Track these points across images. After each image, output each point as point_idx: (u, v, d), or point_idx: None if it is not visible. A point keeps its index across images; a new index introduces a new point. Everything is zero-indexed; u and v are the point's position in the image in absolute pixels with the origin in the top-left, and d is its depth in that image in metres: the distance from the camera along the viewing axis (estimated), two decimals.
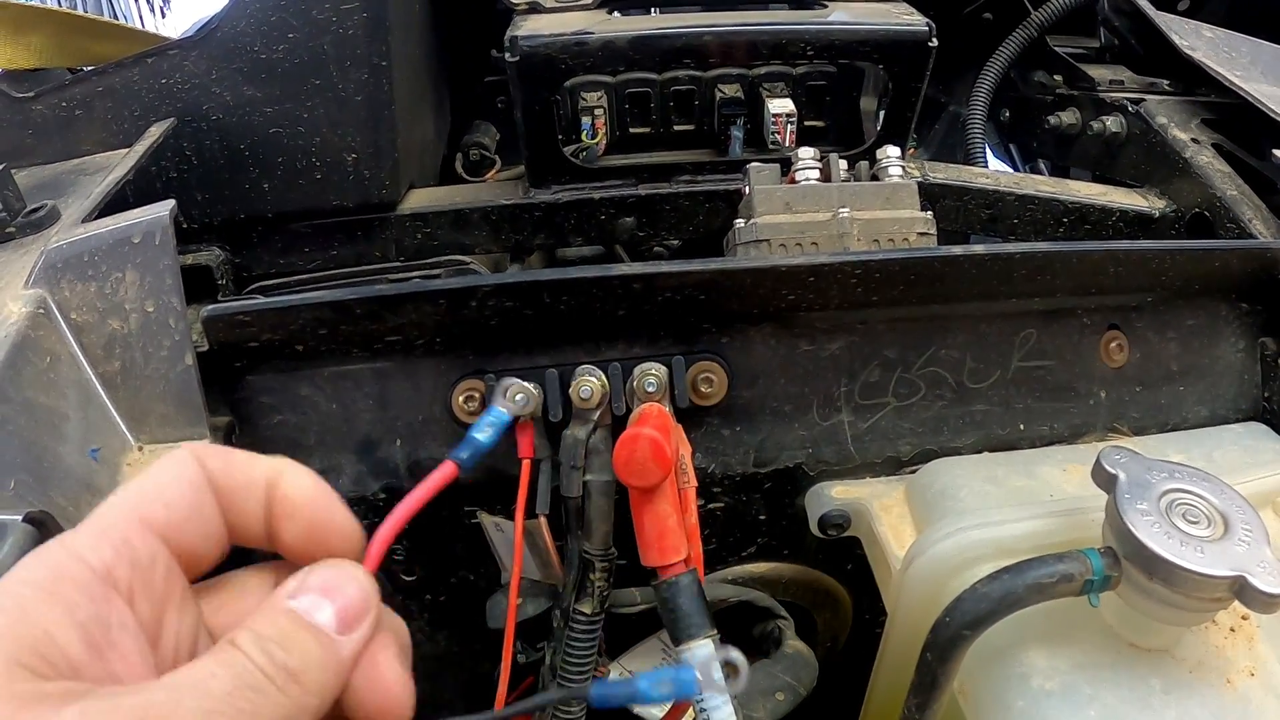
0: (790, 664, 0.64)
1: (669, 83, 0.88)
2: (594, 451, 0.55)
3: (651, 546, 0.53)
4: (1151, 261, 0.62)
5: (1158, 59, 0.86)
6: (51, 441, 0.58)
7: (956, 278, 0.58)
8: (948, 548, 0.54)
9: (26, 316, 0.61)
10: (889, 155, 0.66)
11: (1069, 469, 0.60)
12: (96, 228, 0.64)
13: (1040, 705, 0.48)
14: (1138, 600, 0.46)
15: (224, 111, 0.78)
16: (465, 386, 0.58)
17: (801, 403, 0.60)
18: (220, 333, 0.58)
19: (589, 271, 0.53)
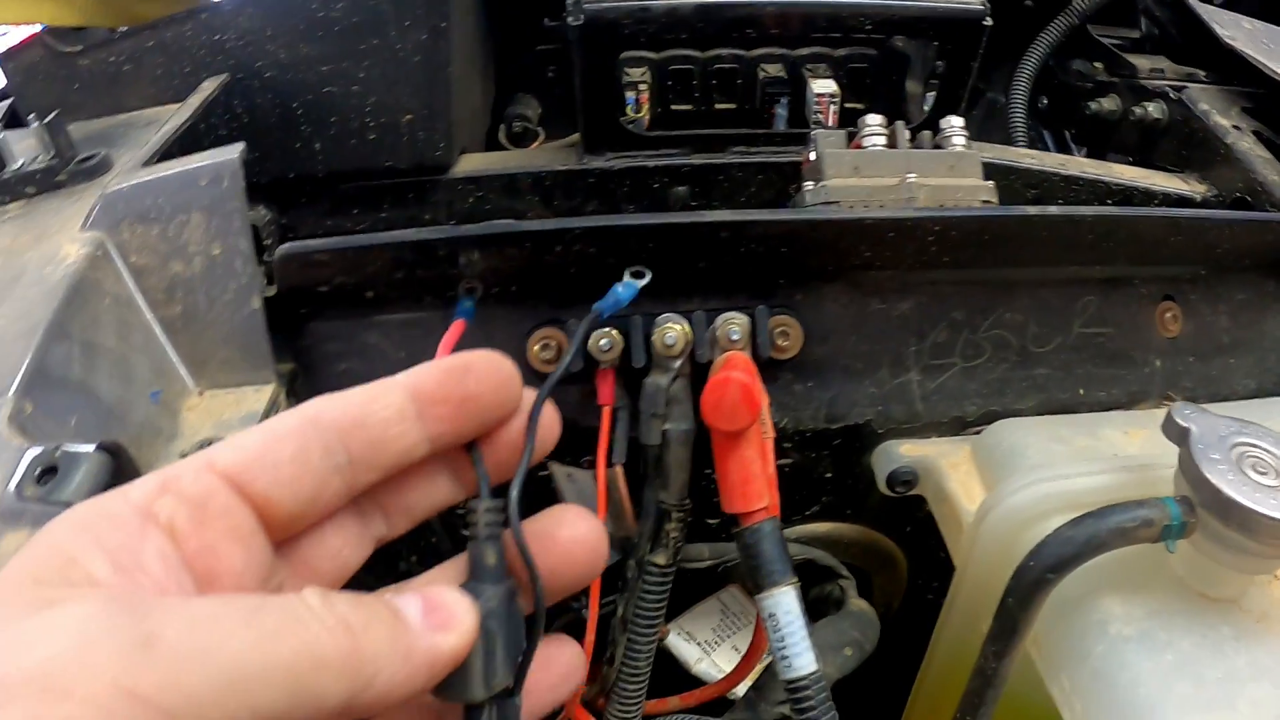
0: (856, 620, 0.64)
1: (712, 61, 0.89)
2: (674, 400, 0.56)
3: (735, 492, 0.53)
4: (1209, 232, 0.63)
5: (1197, 49, 0.88)
6: (111, 382, 0.58)
7: (1027, 239, 0.59)
8: (1023, 499, 0.55)
9: (85, 258, 0.61)
10: (953, 125, 0.67)
11: (1130, 432, 0.62)
12: (160, 170, 0.64)
13: (1119, 650, 0.49)
14: (1211, 548, 0.47)
15: (278, 69, 0.78)
16: (542, 335, 0.58)
17: (872, 361, 0.60)
18: (293, 274, 0.58)
19: (680, 217, 0.53)
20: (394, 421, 0.32)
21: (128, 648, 0.23)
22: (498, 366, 0.34)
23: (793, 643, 0.52)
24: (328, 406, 0.32)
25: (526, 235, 0.53)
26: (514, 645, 0.33)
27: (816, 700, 0.52)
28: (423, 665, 0.29)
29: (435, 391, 0.33)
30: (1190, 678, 0.47)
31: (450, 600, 0.31)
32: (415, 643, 0.29)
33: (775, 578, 0.52)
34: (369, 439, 0.32)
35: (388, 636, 0.28)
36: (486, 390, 0.33)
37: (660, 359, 0.55)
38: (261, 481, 0.30)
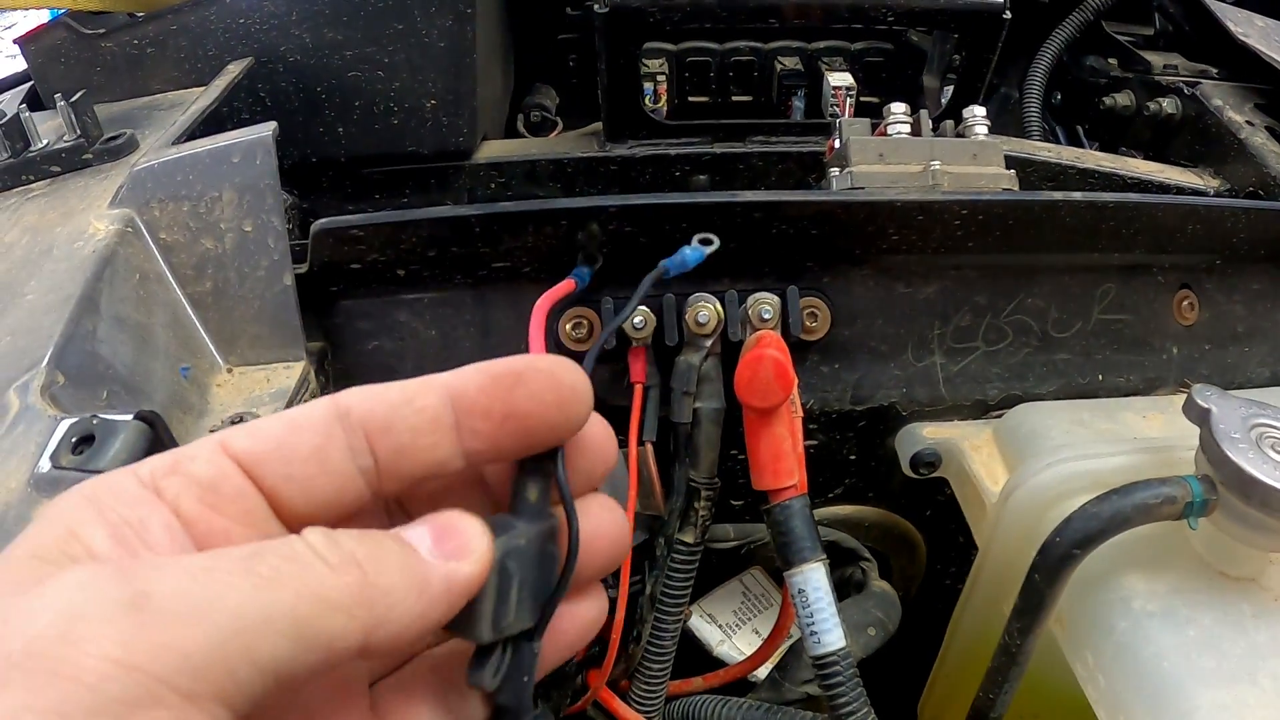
0: (879, 601, 0.65)
1: (729, 53, 0.90)
2: (705, 378, 0.56)
3: (766, 469, 0.54)
4: (1226, 221, 0.64)
5: (1211, 46, 0.89)
6: (141, 356, 0.58)
7: (1050, 224, 0.60)
8: (1047, 479, 0.55)
9: (114, 234, 0.61)
10: (975, 114, 0.67)
11: (1148, 416, 0.63)
12: (191, 148, 0.64)
13: (1143, 626, 0.50)
14: (1231, 526, 0.48)
15: (302, 53, 0.78)
16: (573, 314, 0.58)
17: (897, 343, 0.61)
18: (327, 250, 0.59)
19: (715, 197, 0.54)
20: (426, 430, 0.29)
21: (115, 614, 0.22)
22: (558, 381, 0.29)
23: (821, 619, 0.53)
24: (358, 401, 0.28)
25: (563, 212, 0.54)
26: (538, 589, 0.31)
27: (845, 675, 0.53)
28: (440, 596, 0.27)
29: (476, 401, 0.29)
30: (1212, 653, 0.48)
31: (462, 526, 0.28)
32: (429, 573, 0.27)
33: (805, 554, 0.53)
34: (396, 445, 0.28)
35: (399, 568, 0.26)
36: (538, 409, 0.29)
37: (692, 337, 0.56)
38: (274, 475, 0.28)
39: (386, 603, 0.25)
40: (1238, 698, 0.46)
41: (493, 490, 0.33)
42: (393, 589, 0.25)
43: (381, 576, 0.25)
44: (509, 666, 0.31)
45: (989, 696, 0.54)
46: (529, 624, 0.31)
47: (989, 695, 0.54)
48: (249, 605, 0.23)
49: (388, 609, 0.25)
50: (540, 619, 0.31)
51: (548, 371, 0.29)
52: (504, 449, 0.30)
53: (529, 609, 0.31)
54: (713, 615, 0.69)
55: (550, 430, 0.30)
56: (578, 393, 0.30)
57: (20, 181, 0.70)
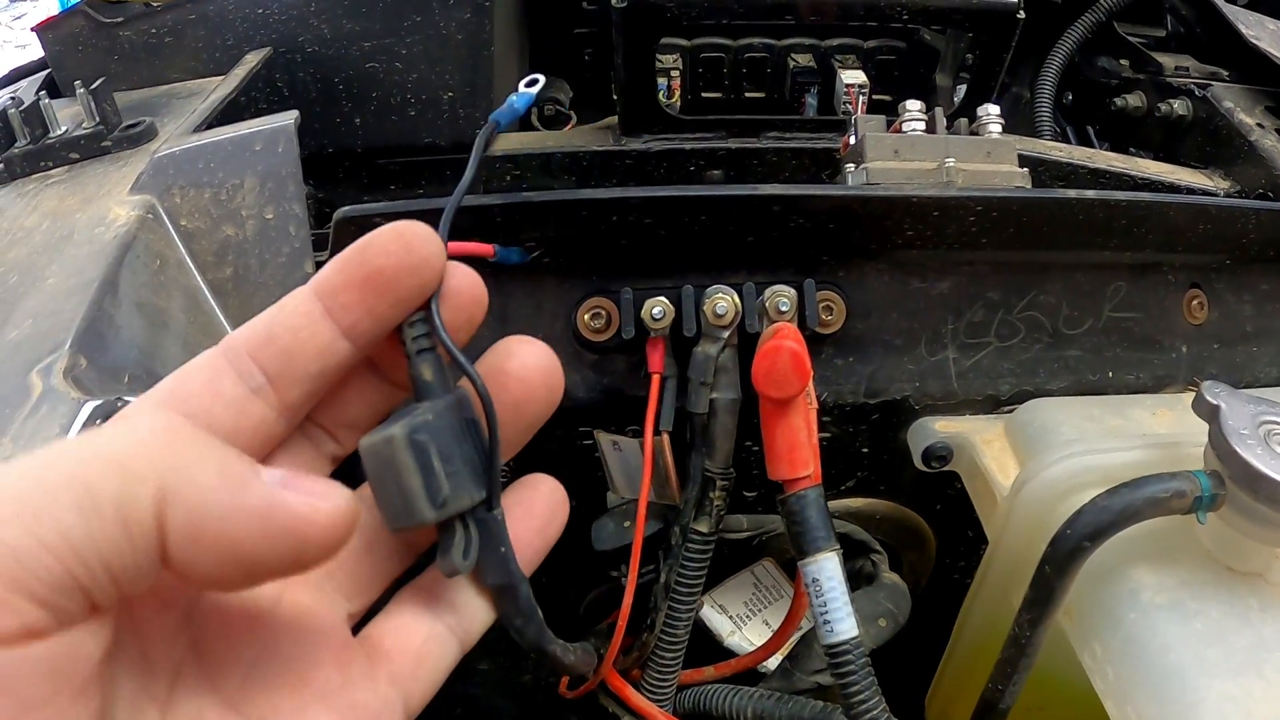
0: (890, 592, 0.65)
1: (743, 50, 0.90)
2: (722, 369, 0.57)
3: (782, 459, 0.54)
4: (1237, 221, 0.65)
5: (1222, 48, 0.90)
6: (162, 341, 0.58)
7: (1063, 222, 0.61)
8: (1059, 472, 0.56)
9: (135, 220, 0.62)
10: (989, 113, 0.68)
11: (1158, 413, 0.63)
12: (213, 135, 0.65)
13: (1151, 617, 0.50)
14: (1239, 521, 0.49)
15: (321, 44, 0.79)
16: (592, 304, 0.59)
17: (911, 337, 0.62)
18: (350, 237, 0.59)
19: (735, 190, 0.55)
20: (302, 325, 0.30)
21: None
22: (401, 232, 0.30)
23: (834, 608, 0.53)
24: (238, 331, 0.31)
25: (584, 203, 0.55)
26: (473, 459, 0.31)
27: (857, 665, 0.53)
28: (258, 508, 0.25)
29: (335, 279, 0.30)
30: (1219, 645, 0.48)
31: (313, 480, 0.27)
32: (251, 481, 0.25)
33: (819, 544, 0.54)
34: (280, 350, 0.30)
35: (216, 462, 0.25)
36: (391, 262, 0.30)
37: (710, 329, 0.56)
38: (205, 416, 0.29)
39: (188, 478, 0.24)
40: (1244, 689, 0.46)
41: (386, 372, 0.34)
42: (200, 472, 0.24)
43: (192, 461, 0.24)
44: (479, 544, 0.31)
45: (998, 688, 0.55)
46: (479, 495, 0.31)
47: (998, 686, 0.55)
48: (25, 484, 0.22)
49: (189, 485, 0.24)
50: (489, 485, 0.31)
51: (391, 229, 0.30)
52: (377, 313, 0.31)
53: (470, 480, 0.31)
54: (724, 606, 0.70)
55: (412, 280, 0.31)
56: (422, 238, 0.30)
57: (39, 168, 0.70)
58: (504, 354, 0.34)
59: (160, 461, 0.24)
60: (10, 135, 0.71)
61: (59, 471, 0.22)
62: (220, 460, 0.25)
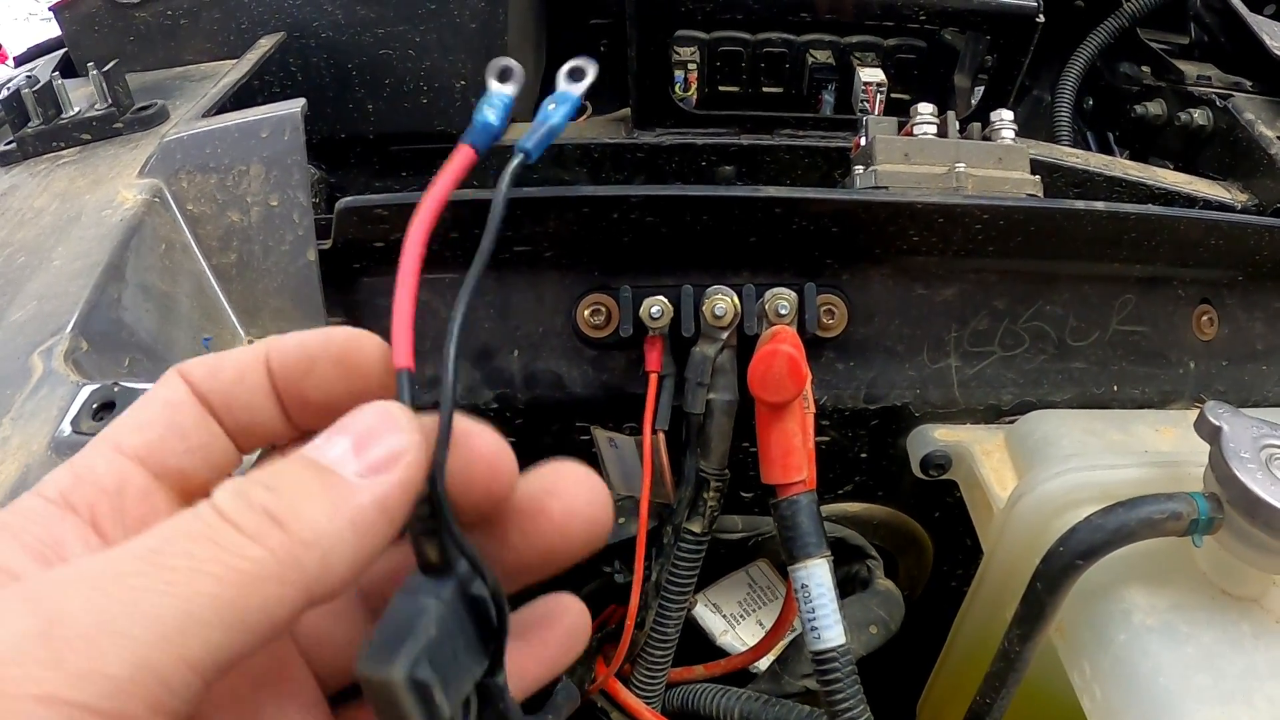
0: (883, 599, 0.65)
1: (761, 44, 0.89)
2: (720, 370, 0.57)
3: (775, 464, 0.54)
4: (1249, 237, 0.64)
5: (1245, 58, 0.89)
6: (164, 325, 0.59)
7: (1071, 233, 0.60)
8: (1055, 487, 0.55)
9: (142, 204, 0.62)
10: (1002, 118, 0.67)
11: (1161, 430, 0.62)
12: (220, 121, 0.65)
13: (1142, 639, 0.50)
14: (1236, 545, 0.48)
15: (334, 30, 0.79)
16: (592, 300, 0.59)
17: (913, 344, 0.61)
18: (351, 227, 0.59)
19: (737, 191, 0.55)
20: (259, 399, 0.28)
21: (26, 646, 0.20)
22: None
23: (823, 615, 0.53)
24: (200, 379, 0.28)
25: (585, 200, 0.54)
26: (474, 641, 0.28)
27: (843, 672, 0.53)
28: (375, 521, 0.24)
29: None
30: (1209, 671, 0.48)
31: (383, 425, 0.25)
32: (357, 500, 0.23)
33: (809, 550, 0.53)
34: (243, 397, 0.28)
35: (324, 509, 0.23)
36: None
37: (709, 329, 0.56)
38: (174, 456, 0.27)
39: (320, 554, 0.23)
40: (1232, 718, 0.46)
41: None
42: (322, 536, 0.23)
43: (307, 528, 0.23)
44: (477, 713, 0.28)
45: (986, 701, 0.55)
46: (481, 668, 0.28)
47: (986, 700, 0.55)
48: (163, 609, 0.21)
49: (322, 560, 0.23)
50: (492, 656, 0.28)
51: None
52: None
53: (474, 659, 0.28)
54: (718, 605, 0.70)
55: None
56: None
57: (51, 148, 0.71)
58: (548, 486, 0.29)
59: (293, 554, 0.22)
60: (24, 115, 0.72)
61: (198, 601, 0.21)
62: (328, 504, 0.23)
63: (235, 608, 0.21)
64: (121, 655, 0.20)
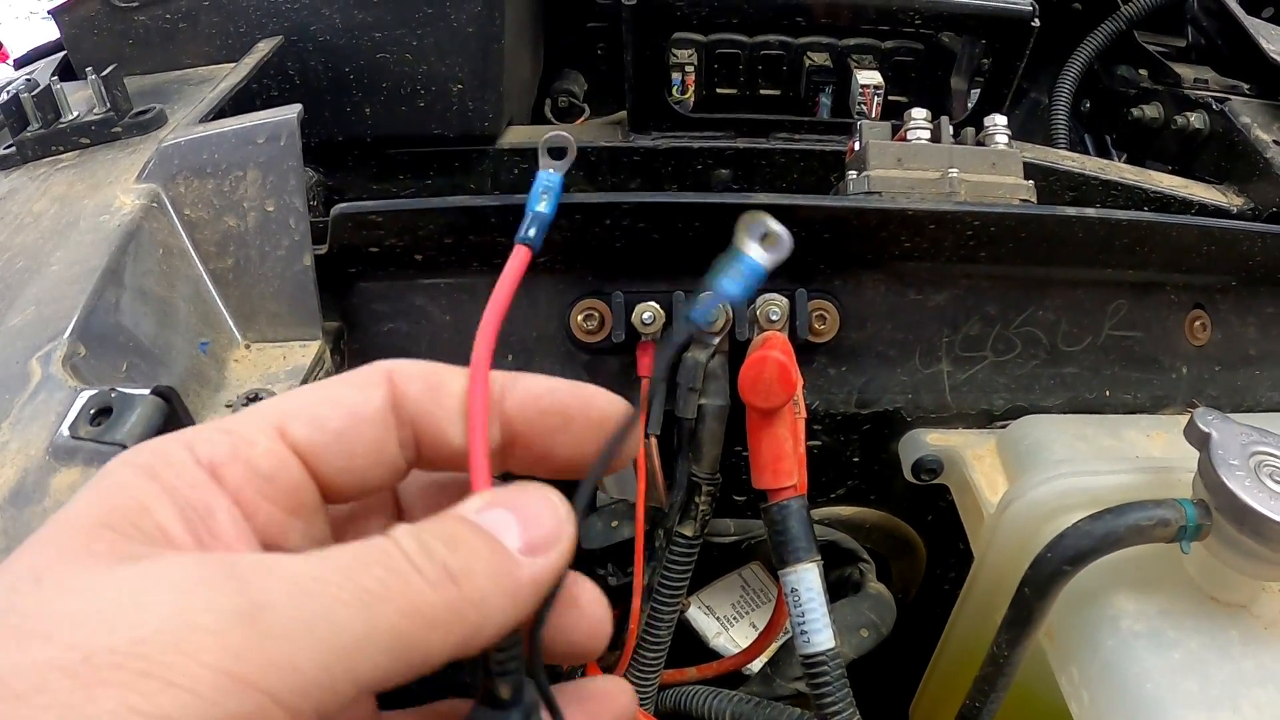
0: (874, 603, 0.66)
1: (759, 46, 0.90)
2: (712, 376, 0.57)
3: (766, 469, 0.54)
4: (1242, 243, 0.64)
5: (1242, 62, 0.89)
6: (162, 330, 0.59)
7: (1063, 239, 0.60)
8: (1045, 493, 0.56)
9: (140, 209, 0.62)
10: (996, 123, 0.67)
11: (1153, 435, 0.63)
12: (218, 126, 0.65)
13: (1130, 645, 0.50)
14: (1224, 552, 0.49)
15: (332, 34, 0.79)
16: (585, 305, 0.59)
17: (905, 349, 0.62)
18: (346, 233, 0.60)
19: (728, 198, 0.55)
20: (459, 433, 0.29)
21: (230, 624, 0.21)
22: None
23: (813, 619, 0.54)
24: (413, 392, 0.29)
25: (578, 207, 0.55)
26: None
27: (832, 676, 0.53)
28: (528, 597, 0.26)
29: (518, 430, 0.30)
30: (1197, 677, 0.48)
31: (546, 512, 0.27)
32: (518, 574, 0.26)
33: (800, 554, 0.54)
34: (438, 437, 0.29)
35: (492, 576, 0.25)
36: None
37: (700, 335, 0.56)
38: (331, 467, 0.28)
39: (480, 614, 0.25)
40: None
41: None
42: (486, 599, 0.25)
43: (475, 589, 0.25)
44: None
45: (975, 705, 0.55)
46: None
47: (975, 704, 0.55)
48: (355, 623, 0.23)
49: (481, 620, 0.25)
50: None
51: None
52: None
53: None
54: (711, 607, 0.70)
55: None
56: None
57: (50, 152, 0.71)
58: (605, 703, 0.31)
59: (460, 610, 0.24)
60: (23, 119, 0.72)
61: (380, 626, 0.23)
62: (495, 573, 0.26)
63: (405, 642, 0.23)
64: (313, 656, 0.22)
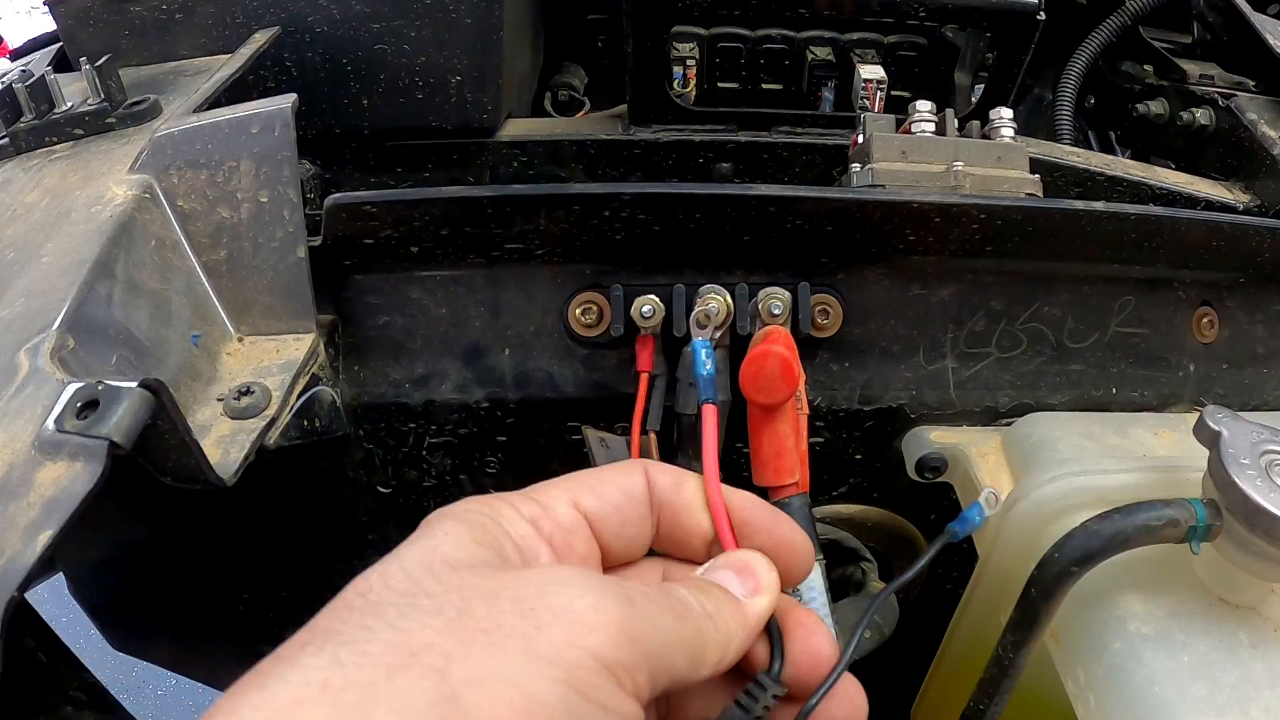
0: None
1: (761, 40, 0.89)
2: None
3: (767, 466, 0.53)
4: (1251, 239, 0.63)
5: (1248, 57, 0.88)
6: (153, 323, 0.58)
7: (1070, 234, 0.59)
8: (1051, 492, 0.55)
9: (132, 200, 0.61)
10: (1002, 116, 0.67)
11: (1160, 434, 0.62)
12: (211, 116, 0.64)
13: (1137, 648, 0.49)
14: (1234, 553, 0.47)
15: (329, 24, 0.78)
16: (584, 299, 0.58)
17: (909, 345, 0.61)
18: (341, 224, 0.59)
19: (729, 189, 0.54)
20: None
21: (622, 602, 0.31)
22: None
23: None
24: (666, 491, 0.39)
25: (576, 198, 0.54)
26: None
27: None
28: (753, 628, 0.36)
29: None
30: (1205, 680, 0.47)
31: (755, 565, 0.37)
32: (747, 613, 0.36)
33: None
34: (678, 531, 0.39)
35: (733, 616, 0.35)
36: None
37: (700, 329, 0.55)
38: (609, 532, 0.37)
39: (730, 642, 0.35)
40: None
41: None
42: (731, 632, 0.35)
43: (724, 624, 0.35)
44: None
45: (980, 707, 0.54)
46: None
47: (980, 706, 0.54)
48: (674, 630, 0.32)
49: (728, 645, 0.35)
50: None
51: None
52: None
53: None
54: None
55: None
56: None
57: (44, 143, 0.70)
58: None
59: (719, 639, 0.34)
60: (17, 109, 0.71)
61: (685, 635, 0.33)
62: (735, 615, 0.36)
63: (694, 653, 0.33)
64: (660, 636, 0.32)
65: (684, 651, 0.32)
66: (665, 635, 0.32)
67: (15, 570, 0.39)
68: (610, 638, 0.30)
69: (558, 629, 0.29)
